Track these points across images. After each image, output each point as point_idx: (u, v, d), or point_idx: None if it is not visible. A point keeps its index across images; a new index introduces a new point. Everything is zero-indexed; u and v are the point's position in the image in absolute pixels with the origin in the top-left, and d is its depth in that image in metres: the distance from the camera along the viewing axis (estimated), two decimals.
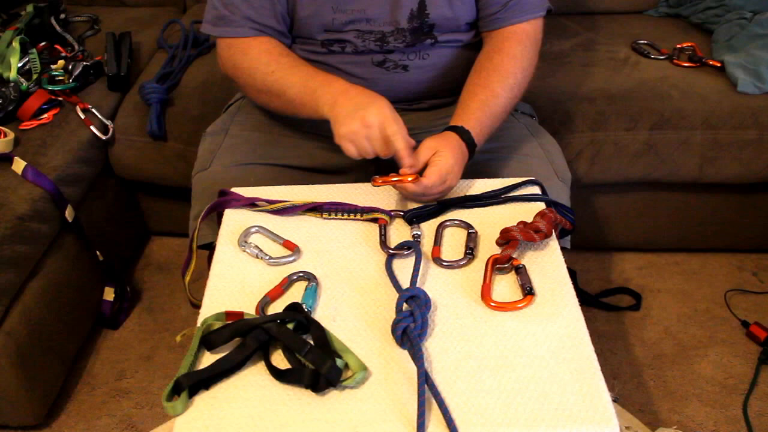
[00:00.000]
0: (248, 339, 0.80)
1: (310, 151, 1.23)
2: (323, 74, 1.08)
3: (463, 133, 1.05)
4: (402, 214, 1.00)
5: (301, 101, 1.08)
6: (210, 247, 1.06)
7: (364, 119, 0.97)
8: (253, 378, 0.79)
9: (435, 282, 0.90)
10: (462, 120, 1.07)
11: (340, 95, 1.02)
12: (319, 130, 1.26)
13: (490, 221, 0.99)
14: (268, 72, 1.12)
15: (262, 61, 1.13)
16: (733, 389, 1.44)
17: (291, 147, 1.22)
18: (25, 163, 1.37)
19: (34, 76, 1.56)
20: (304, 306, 0.85)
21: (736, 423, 1.38)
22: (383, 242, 0.95)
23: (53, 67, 1.59)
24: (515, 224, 0.94)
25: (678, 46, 1.65)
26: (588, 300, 1.61)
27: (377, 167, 1.27)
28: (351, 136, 0.98)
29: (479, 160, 1.19)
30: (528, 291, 0.86)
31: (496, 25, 1.16)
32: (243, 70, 1.15)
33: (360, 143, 0.98)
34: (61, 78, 1.57)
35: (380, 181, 1.00)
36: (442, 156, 1.00)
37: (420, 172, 1.00)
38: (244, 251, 0.96)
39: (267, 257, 0.94)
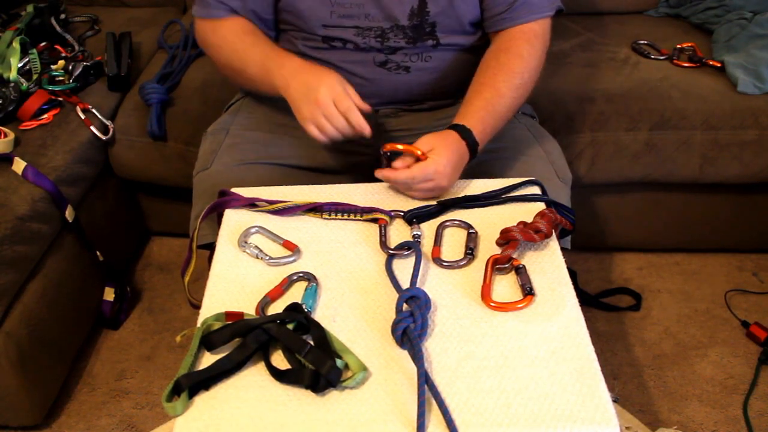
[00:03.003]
0: (248, 339, 0.80)
1: (310, 151, 1.23)
2: (279, 54, 1.12)
3: (464, 132, 1.05)
4: (402, 214, 1.00)
5: (261, 80, 1.13)
6: (210, 247, 1.06)
7: (317, 101, 1.00)
8: (253, 378, 0.79)
9: (435, 282, 0.90)
10: (465, 119, 1.07)
11: (291, 78, 1.06)
12: None
13: (490, 221, 0.99)
14: (232, 50, 1.16)
15: (227, 40, 1.17)
16: (733, 389, 1.44)
17: (292, 146, 1.23)
18: (26, 163, 1.37)
19: (35, 77, 1.56)
20: (304, 306, 0.85)
21: (736, 423, 1.38)
22: (383, 242, 0.95)
23: (53, 67, 1.59)
24: (515, 224, 0.94)
25: (678, 46, 1.65)
26: (588, 300, 1.61)
27: (378, 166, 1.28)
28: (311, 119, 1.02)
29: (479, 160, 1.19)
30: (528, 291, 0.86)
31: (503, 25, 1.16)
32: (211, 47, 1.20)
33: (321, 124, 1.01)
34: (61, 78, 1.57)
35: (388, 146, 1.02)
36: (435, 154, 1.00)
37: None
38: (244, 251, 0.96)
39: (267, 257, 0.94)
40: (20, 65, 1.58)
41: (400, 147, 1.01)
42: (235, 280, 0.91)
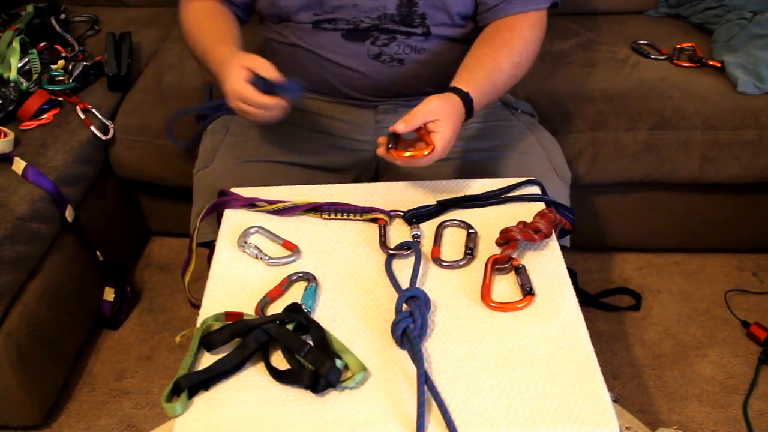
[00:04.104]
0: (248, 339, 0.80)
1: (311, 148, 1.23)
2: (215, 45, 1.12)
3: (466, 100, 1.04)
4: (402, 214, 1.00)
5: (208, 70, 1.15)
6: (210, 245, 1.06)
7: (231, 104, 1.05)
8: (253, 379, 0.79)
9: (435, 282, 0.90)
10: (468, 85, 1.05)
11: (219, 79, 1.08)
12: (320, 127, 1.26)
13: (490, 221, 0.99)
14: (190, 34, 1.19)
15: (189, 22, 1.19)
16: (733, 389, 1.44)
17: (292, 144, 1.23)
18: (26, 163, 1.37)
19: (34, 77, 1.56)
20: (303, 306, 0.85)
21: (736, 423, 1.38)
22: (383, 242, 0.95)
23: (53, 67, 1.59)
24: (515, 224, 0.94)
25: (678, 46, 1.65)
26: (588, 300, 1.61)
27: (378, 165, 1.28)
28: (235, 110, 1.06)
29: (479, 159, 1.20)
30: (528, 291, 0.86)
31: (499, 14, 1.16)
32: (183, 32, 1.22)
33: (243, 113, 1.05)
34: (61, 78, 1.57)
35: (395, 154, 0.98)
36: (441, 126, 0.97)
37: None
38: (244, 252, 0.96)
39: (267, 257, 0.94)
40: (20, 65, 1.58)
41: (407, 155, 0.97)
42: (235, 281, 0.91)
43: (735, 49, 1.59)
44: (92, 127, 1.53)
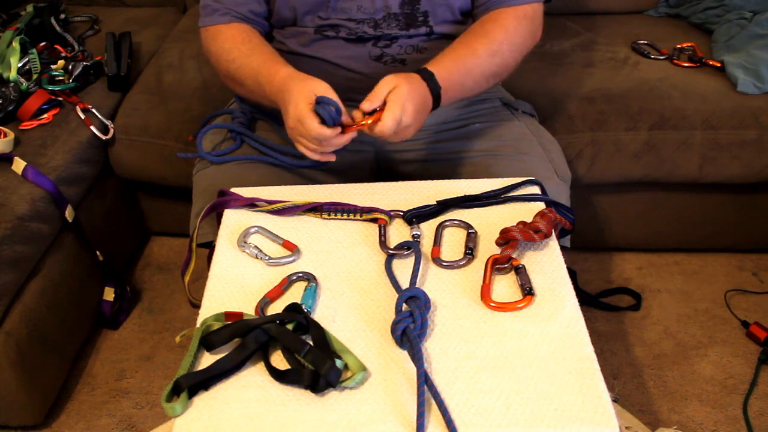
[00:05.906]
0: (248, 339, 0.80)
1: None
2: (269, 66, 1.09)
3: (425, 74, 1.04)
4: (402, 214, 1.00)
5: (259, 95, 1.12)
6: (210, 246, 1.06)
7: (287, 124, 1.02)
8: (253, 379, 0.79)
9: (435, 282, 0.90)
10: (432, 64, 1.06)
11: (277, 98, 1.05)
12: None
13: (490, 221, 0.99)
14: (229, 60, 1.15)
15: (225, 49, 1.16)
16: (733, 389, 1.44)
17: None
18: (25, 163, 1.37)
19: (34, 76, 1.56)
20: (303, 306, 0.85)
21: (736, 423, 1.38)
22: (383, 242, 0.95)
23: (53, 67, 1.59)
24: (515, 224, 0.94)
25: (678, 46, 1.65)
26: (588, 300, 1.61)
27: (377, 165, 1.28)
28: (292, 140, 1.03)
29: (479, 159, 1.19)
30: (527, 291, 0.86)
31: (492, 7, 1.16)
32: (211, 55, 1.20)
33: (301, 144, 1.02)
34: (61, 78, 1.57)
35: (352, 129, 1.00)
36: (395, 92, 0.98)
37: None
38: (244, 251, 0.96)
39: (266, 257, 0.94)
40: (20, 65, 1.58)
41: (362, 123, 0.99)
42: (235, 280, 0.91)
43: (735, 49, 1.59)
44: (92, 127, 1.53)
